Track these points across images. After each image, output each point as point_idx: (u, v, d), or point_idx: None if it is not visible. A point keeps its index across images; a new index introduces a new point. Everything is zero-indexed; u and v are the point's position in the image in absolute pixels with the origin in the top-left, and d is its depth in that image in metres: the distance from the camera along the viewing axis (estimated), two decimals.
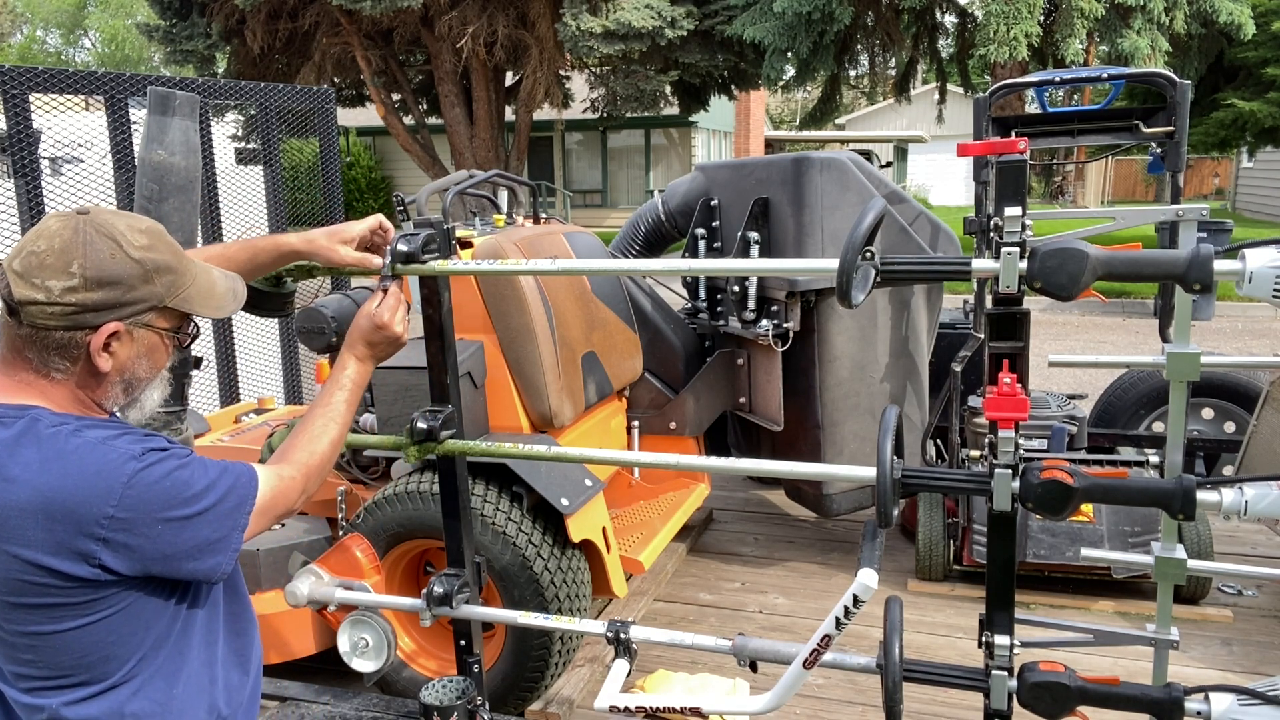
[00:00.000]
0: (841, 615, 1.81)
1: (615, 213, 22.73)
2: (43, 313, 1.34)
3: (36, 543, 1.31)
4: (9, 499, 1.32)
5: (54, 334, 1.36)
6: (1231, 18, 11.01)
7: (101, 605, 1.37)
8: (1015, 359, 1.82)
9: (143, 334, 1.43)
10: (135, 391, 1.48)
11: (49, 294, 1.33)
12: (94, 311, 1.36)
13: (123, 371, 1.43)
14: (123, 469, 1.34)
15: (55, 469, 1.32)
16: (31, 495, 1.31)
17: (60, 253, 1.35)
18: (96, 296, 1.36)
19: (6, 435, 1.34)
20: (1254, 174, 23.48)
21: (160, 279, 1.42)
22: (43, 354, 1.37)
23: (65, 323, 1.35)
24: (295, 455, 1.61)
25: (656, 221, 4.56)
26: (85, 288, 1.35)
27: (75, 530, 1.31)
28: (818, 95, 15.96)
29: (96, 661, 1.39)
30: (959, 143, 1.90)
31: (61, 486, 1.31)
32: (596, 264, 2.53)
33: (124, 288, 1.38)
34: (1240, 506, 1.71)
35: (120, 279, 1.38)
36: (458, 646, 2.42)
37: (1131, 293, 11.80)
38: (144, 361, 1.45)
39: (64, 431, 1.36)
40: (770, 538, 4.51)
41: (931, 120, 18.22)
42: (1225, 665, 3.28)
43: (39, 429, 1.35)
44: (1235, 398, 4.60)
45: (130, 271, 1.39)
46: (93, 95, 4.38)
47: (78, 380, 1.41)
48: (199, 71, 16.11)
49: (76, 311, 1.35)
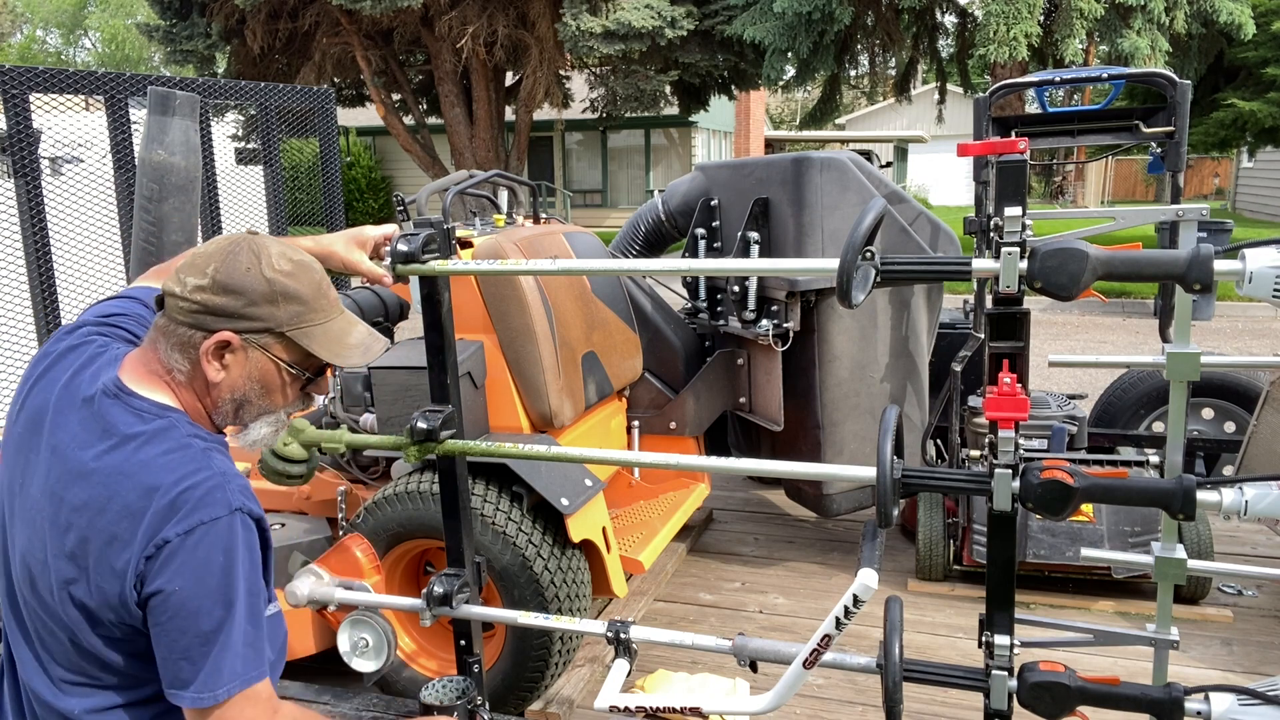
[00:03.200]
0: (841, 615, 1.81)
1: (615, 213, 22.74)
2: (175, 305, 1.42)
3: (122, 541, 1.34)
4: (119, 491, 1.35)
5: (179, 328, 1.42)
6: (1231, 18, 11.01)
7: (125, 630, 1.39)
8: (1015, 359, 1.82)
9: (256, 355, 1.45)
10: (245, 416, 1.49)
11: (183, 288, 1.41)
12: (213, 315, 1.41)
13: (234, 388, 1.45)
14: (215, 509, 1.36)
15: (171, 472, 1.36)
16: (140, 495, 1.35)
17: (208, 257, 1.42)
18: (218, 301, 1.41)
19: (144, 429, 1.39)
20: (1254, 174, 23.48)
21: (286, 305, 1.44)
22: (169, 347, 1.43)
23: (188, 320, 1.41)
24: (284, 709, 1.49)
25: (656, 221, 4.56)
26: (211, 289, 1.40)
27: (160, 526, 1.34)
28: (818, 95, 15.96)
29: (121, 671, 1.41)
30: (959, 143, 1.90)
31: (170, 486, 1.35)
32: (596, 264, 2.52)
33: (245, 300, 1.42)
34: (1240, 506, 1.71)
35: (244, 291, 1.41)
36: (458, 646, 2.42)
37: (1131, 293, 11.80)
38: (256, 385, 1.47)
39: (197, 445, 1.41)
40: (770, 538, 4.51)
41: (931, 120, 18.23)
42: (1225, 665, 3.28)
43: (176, 433, 1.40)
44: (1235, 398, 4.60)
45: (257, 287, 1.42)
46: (93, 95, 4.38)
47: (196, 386, 1.45)
48: (199, 71, 16.11)
49: (199, 310, 1.41)
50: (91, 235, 4.84)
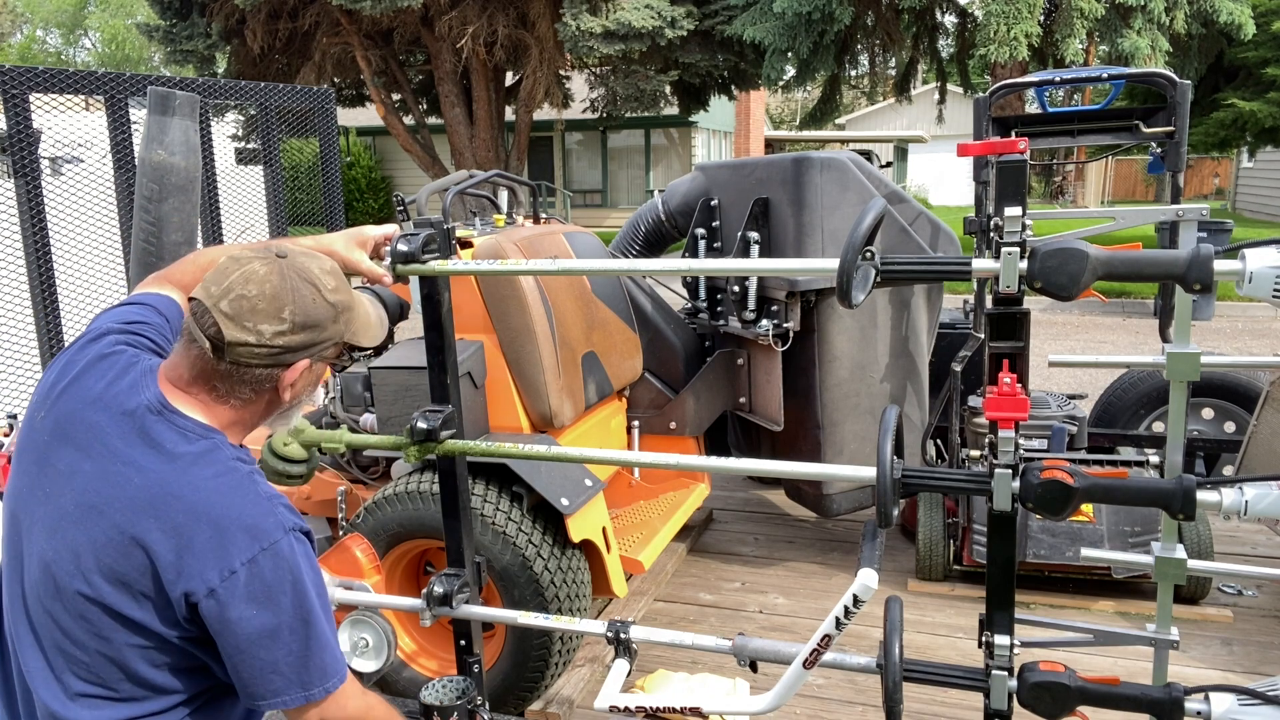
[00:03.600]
0: (841, 615, 1.81)
1: (615, 213, 22.73)
2: (249, 353, 1.42)
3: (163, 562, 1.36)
4: (166, 511, 1.37)
5: (254, 371, 1.44)
6: (1231, 18, 11.01)
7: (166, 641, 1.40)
8: (1015, 359, 1.82)
9: (319, 365, 1.53)
10: (289, 413, 1.58)
11: (260, 337, 1.41)
12: (292, 352, 1.45)
13: (295, 397, 1.53)
14: (272, 533, 1.41)
15: (223, 500, 1.39)
16: (189, 516, 1.37)
17: (272, 298, 1.42)
18: (300, 339, 1.45)
19: (190, 450, 1.41)
20: (1254, 174, 23.47)
21: (343, 318, 1.52)
22: (234, 386, 1.45)
23: (268, 361, 1.44)
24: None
25: (656, 221, 4.56)
26: (292, 331, 1.44)
27: (200, 568, 1.36)
28: (818, 95, 15.95)
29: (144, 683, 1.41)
30: (959, 143, 1.90)
31: (221, 517, 1.38)
32: (596, 264, 2.53)
33: (320, 330, 1.47)
34: (1240, 506, 1.71)
35: (319, 322, 1.47)
36: (458, 646, 2.42)
37: (1131, 293, 11.80)
38: (310, 388, 1.56)
39: (243, 470, 1.45)
40: (770, 538, 4.50)
41: (931, 120, 18.23)
42: (1225, 665, 3.28)
43: (222, 456, 1.43)
44: (1235, 398, 4.60)
45: (326, 315, 1.48)
46: (93, 95, 4.38)
47: (251, 409, 1.49)
48: (199, 71, 16.11)
49: (281, 352, 1.44)
50: (91, 235, 4.84)
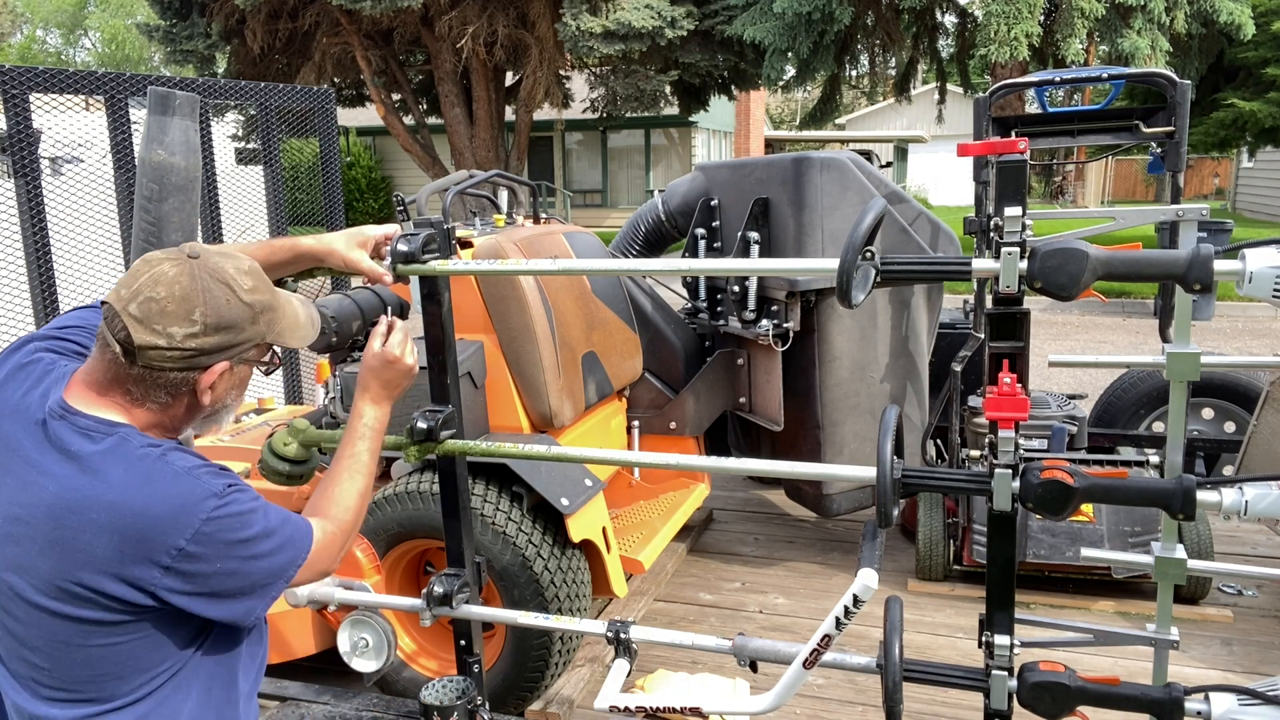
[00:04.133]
0: (841, 615, 1.81)
1: (615, 213, 22.73)
2: (161, 356, 1.39)
3: (99, 560, 1.34)
4: (84, 514, 1.34)
5: (168, 374, 1.41)
6: (1231, 18, 11.01)
7: (132, 629, 1.39)
8: (1015, 359, 1.82)
9: (241, 368, 1.50)
10: (217, 417, 1.53)
11: (170, 340, 1.38)
12: (208, 354, 1.42)
13: (216, 402, 1.49)
14: (204, 504, 1.38)
15: (141, 492, 1.36)
16: (110, 513, 1.34)
17: (181, 300, 1.39)
18: (214, 340, 1.41)
19: (95, 449, 1.38)
20: (1254, 174, 23.47)
21: (263, 318, 1.48)
22: (148, 390, 1.42)
23: (181, 364, 1.41)
24: (330, 513, 1.64)
25: (656, 221, 4.56)
26: (205, 333, 1.40)
27: (143, 555, 1.34)
28: (818, 95, 15.95)
29: (108, 680, 1.40)
30: (959, 143, 1.90)
31: (144, 510, 1.35)
32: (596, 264, 2.53)
33: (236, 330, 1.44)
34: (1240, 506, 1.71)
35: (235, 323, 1.44)
36: (458, 646, 2.42)
37: (1131, 293, 11.80)
38: (235, 392, 1.52)
39: (153, 455, 1.40)
40: (770, 538, 4.50)
41: (931, 120, 18.22)
42: (1225, 665, 3.28)
43: (129, 448, 1.39)
44: (1235, 398, 4.60)
45: (243, 315, 1.45)
46: (93, 95, 4.38)
47: (170, 413, 1.46)
48: (199, 71, 16.11)
49: (194, 355, 1.41)
50: (91, 235, 4.84)
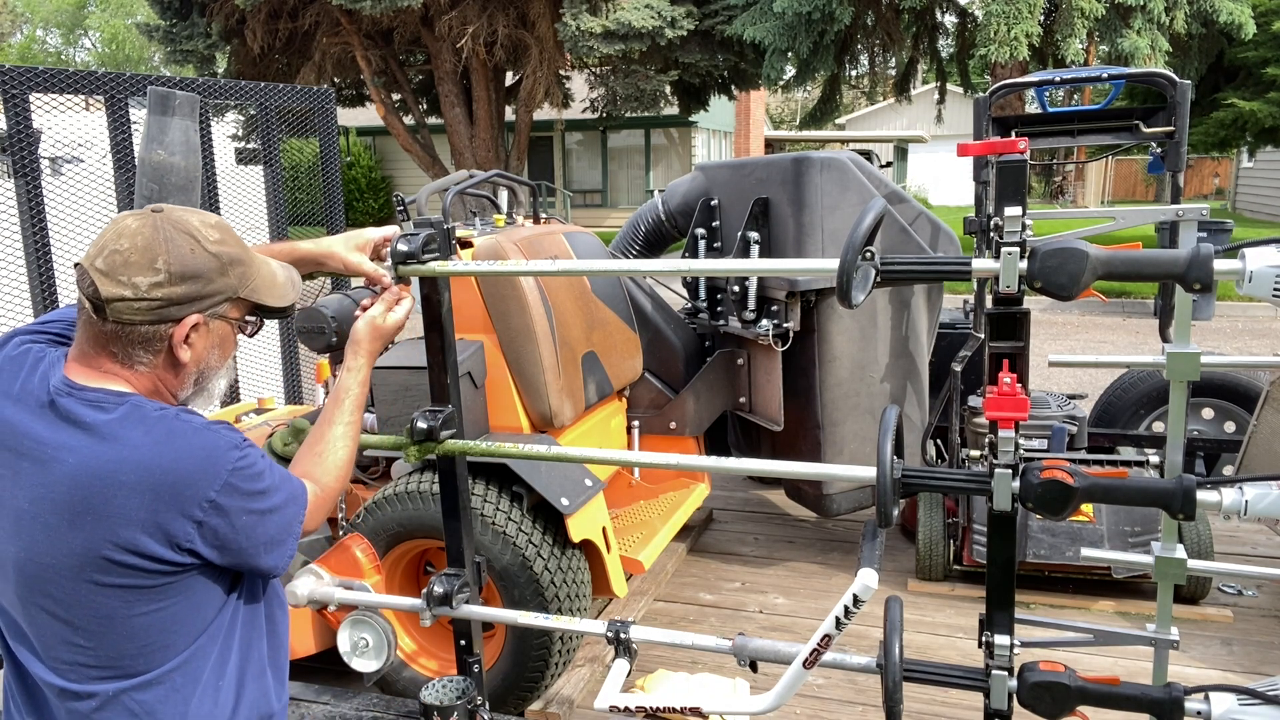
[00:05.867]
0: (842, 615, 1.81)
1: (615, 213, 22.73)
2: (129, 308, 1.39)
3: (136, 521, 1.35)
4: (113, 477, 1.35)
5: (139, 328, 1.41)
6: (1231, 18, 11.01)
7: (172, 591, 1.41)
8: (1015, 359, 1.82)
9: (217, 325, 1.49)
10: (206, 381, 1.53)
11: (136, 290, 1.38)
12: (177, 305, 1.42)
13: (199, 362, 1.49)
14: (228, 455, 1.41)
15: (166, 449, 1.37)
16: (139, 473, 1.35)
17: (144, 250, 1.39)
18: (180, 290, 1.41)
19: (109, 418, 1.38)
20: (1254, 174, 23.48)
21: (233, 271, 1.48)
22: (127, 348, 1.42)
23: (151, 317, 1.40)
24: (318, 476, 1.66)
25: (656, 221, 4.56)
26: (170, 283, 1.40)
27: (178, 509, 1.36)
28: (818, 95, 15.95)
29: (156, 649, 1.42)
30: (959, 143, 1.90)
31: (173, 466, 1.37)
32: (596, 264, 2.53)
33: (204, 281, 1.43)
34: (1240, 506, 1.71)
35: (201, 273, 1.43)
36: (458, 646, 2.42)
37: (1131, 293, 11.80)
38: (216, 351, 1.52)
39: (169, 414, 1.41)
40: (770, 538, 4.50)
41: (931, 120, 18.22)
42: (1225, 665, 3.28)
43: (145, 411, 1.40)
44: (1235, 398, 4.60)
45: (209, 265, 1.44)
46: (93, 95, 4.38)
47: (159, 373, 1.46)
48: (199, 71, 16.11)
49: (162, 306, 1.40)
50: (91, 235, 4.84)
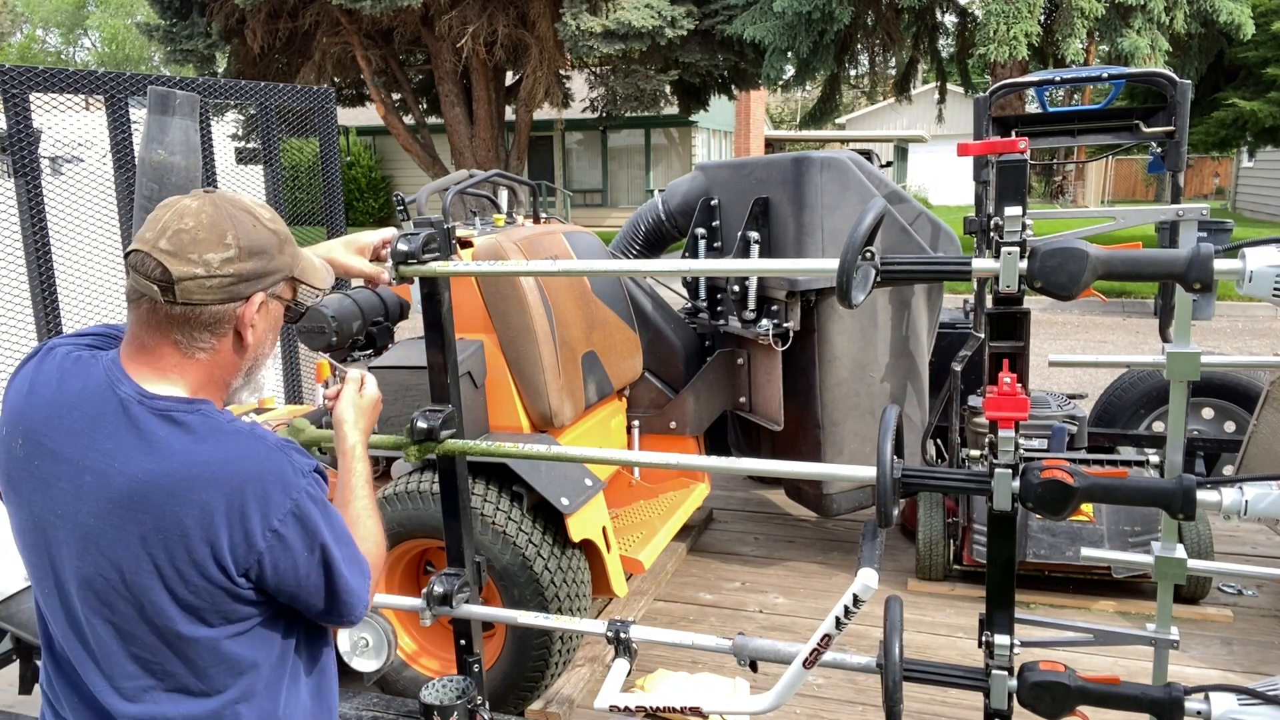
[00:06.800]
0: (842, 615, 1.81)
1: (615, 213, 22.73)
2: (201, 287, 1.35)
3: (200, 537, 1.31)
4: (185, 491, 1.31)
5: (209, 309, 1.37)
6: (1231, 18, 11.01)
7: (235, 616, 1.37)
8: (1015, 359, 1.83)
9: (274, 305, 1.46)
10: (256, 369, 1.49)
11: (208, 267, 1.35)
12: (246, 282, 1.39)
13: (259, 345, 1.46)
14: (299, 481, 1.38)
15: (240, 465, 1.34)
16: (206, 489, 1.31)
17: (210, 227, 1.36)
18: (250, 266, 1.39)
19: (178, 429, 1.34)
20: (1254, 174, 23.47)
21: (288, 249, 1.46)
22: (192, 333, 1.38)
23: (222, 295, 1.37)
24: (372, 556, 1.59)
25: (656, 221, 4.56)
26: (240, 258, 1.37)
27: (261, 518, 1.33)
28: (818, 95, 15.96)
29: (218, 673, 1.38)
30: (959, 143, 1.90)
31: (244, 483, 1.33)
32: (596, 264, 2.53)
33: (268, 257, 1.41)
34: (1240, 506, 1.71)
35: (266, 248, 1.41)
36: (458, 646, 2.42)
37: (1131, 293, 11.80)
38: (271, 335, 1.49)
39: (244, 429, 1.39)
40: (770, 538, 4.50)
41: (931, 120, 18.23)
42: (1225, 665, 3.28)
43: (217, 422, 1.37)
44: (1235, 398, 4.60)
45: (271, 241, 1.42)
46: (93, 95, 4.38)
47: (219, 360, 1.42)
48: (199, 71, 16.11)
49: (234, 282, 1.37)
50: (91, 235, 4.84)
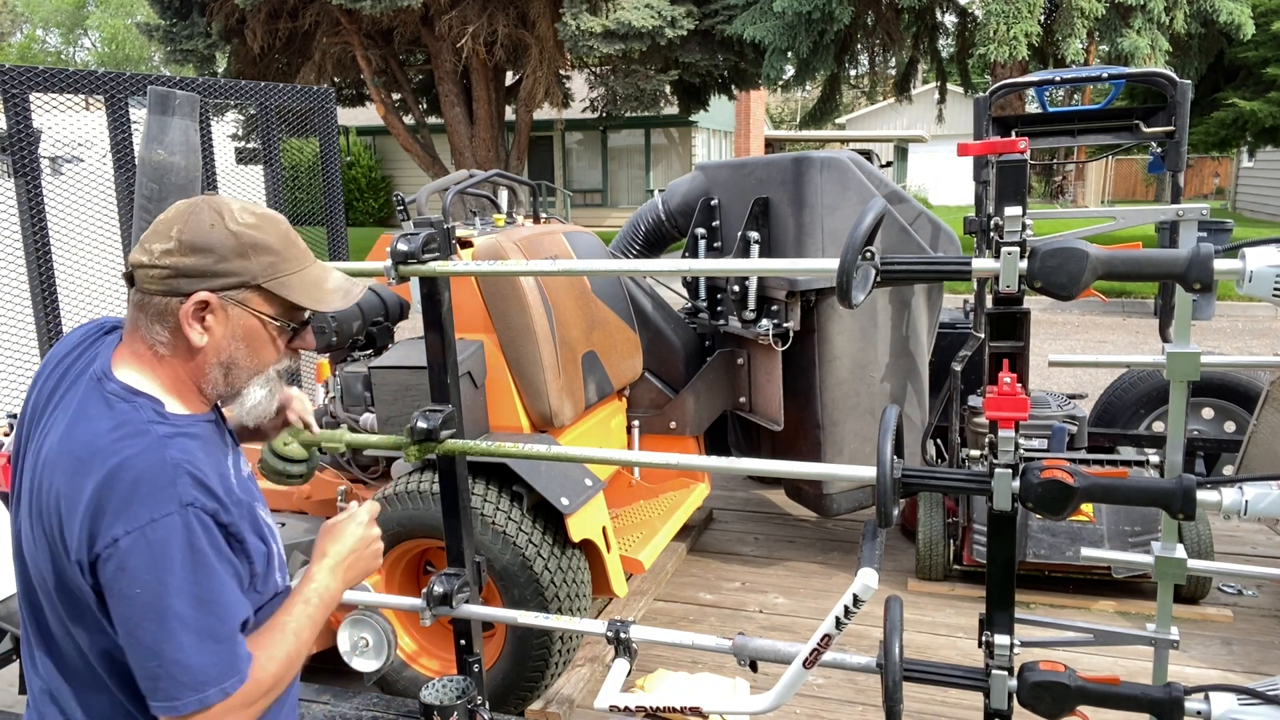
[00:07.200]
0: (842, 615, 1.81)
1: (615, 213, 22.73)
2: (145, 275, 1.39)
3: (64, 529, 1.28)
4: (76, 469, 1.29)
5: (154, 299, 1.39)
6: (1231, 17, 11.01)
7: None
8: (1015, 359, 1.83)
9: (238, 313, 1.42)
10: (236, 381, 1.45)
11: (150, 256, 1.39)
12: (186, 277, 1.38)
13: (219, 351, 1.42)
14: (171, 505, 1.27)
15: (129, 458, 1.28)
16: (99, 472, 1.28)
17: (168, 222, 1.41)
18: (188, 261, 1.38)
19: (107, 412, 1.33)
20: (1254, 174, 23.47)
21: (257, 257, 1.42)
22: (148, 322, 1.40)
23: (161, 287, 1.38)
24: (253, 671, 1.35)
25: (656, 221, 4.56)
26: (179, 251, 1.38)
27: (110, 520, 1.26)
28: (818, 95, 15.95)
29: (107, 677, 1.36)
30: (959, 143, 1.90)
31: (133, 476, 1.27)
32: (596, 264, 2.53)
33: (215, 257, 1.39)
34: (1240, 506, 1.71)
35: (212, 248, 1.39)
36: (458, 646, 2.42)
37: (1131, 293, 11.80)
38: (242, 346, 1.43)
39: (155, 431, 1.33)
40: (770, 538, 4.50)
41: (931, 120, 18.23)
42: (1225, 665, 3.28)
43: (137, 416, 1.33)
44: (1235, 398, 4.60)
45: (224, 242, 1.40)
46: (93, 95, 4.38)
47: (178, 359, 1.41)
48: (199, 71, 16.11)
49: (170, 275, 1.38)
50: (91, 235, 4.84)
